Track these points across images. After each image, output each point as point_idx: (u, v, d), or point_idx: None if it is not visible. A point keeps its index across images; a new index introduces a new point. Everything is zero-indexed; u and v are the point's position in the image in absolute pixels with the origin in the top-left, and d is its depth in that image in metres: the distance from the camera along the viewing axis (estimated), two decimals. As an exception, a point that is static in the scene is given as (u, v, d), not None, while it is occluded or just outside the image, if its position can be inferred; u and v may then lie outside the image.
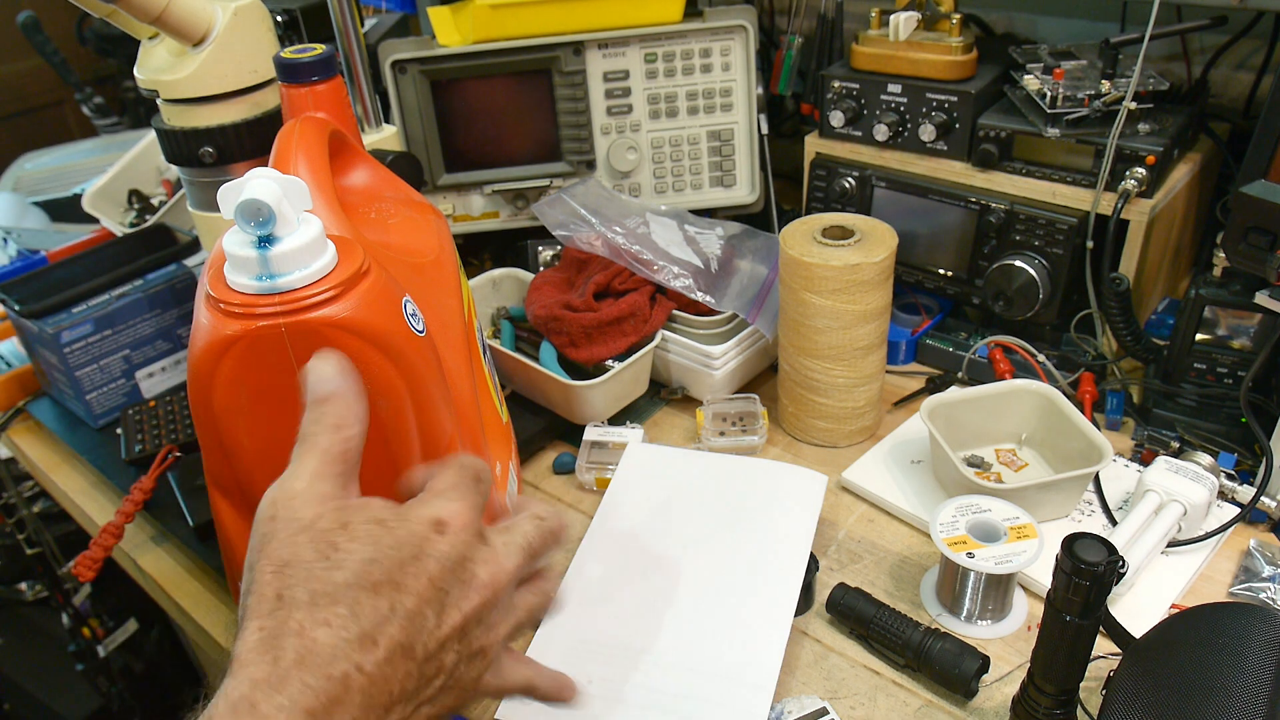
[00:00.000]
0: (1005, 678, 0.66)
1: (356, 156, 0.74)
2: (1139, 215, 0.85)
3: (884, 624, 0.67)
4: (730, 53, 1.06)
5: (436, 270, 0.69)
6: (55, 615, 1.39)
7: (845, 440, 0.89)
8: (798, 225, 0.86)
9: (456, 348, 0.66)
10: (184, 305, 1.04)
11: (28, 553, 1.33)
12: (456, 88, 1.06)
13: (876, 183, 0.98)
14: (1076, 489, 0.77)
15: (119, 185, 1.31)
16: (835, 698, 0.65)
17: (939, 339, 0.98)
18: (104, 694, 1.41)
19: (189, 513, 0.84)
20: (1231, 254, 0.74)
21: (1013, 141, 0.90)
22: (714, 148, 1.10)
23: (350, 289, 0.53)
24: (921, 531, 0.79)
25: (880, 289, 0.82)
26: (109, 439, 1.00)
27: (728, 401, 0.91)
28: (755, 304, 0.92)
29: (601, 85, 1.07)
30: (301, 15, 1.17)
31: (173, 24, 0.73)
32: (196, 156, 0.78)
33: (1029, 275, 0.90)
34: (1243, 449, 0.80)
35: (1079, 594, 0.53)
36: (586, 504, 0.85)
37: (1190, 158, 0.92)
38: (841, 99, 0.99)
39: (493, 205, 1.13)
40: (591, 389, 0.87)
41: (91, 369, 0.99)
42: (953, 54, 0.92)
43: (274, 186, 0.51)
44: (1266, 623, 0.56)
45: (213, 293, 0.52)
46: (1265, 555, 0.73)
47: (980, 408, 0.84)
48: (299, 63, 0.70)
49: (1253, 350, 0.81)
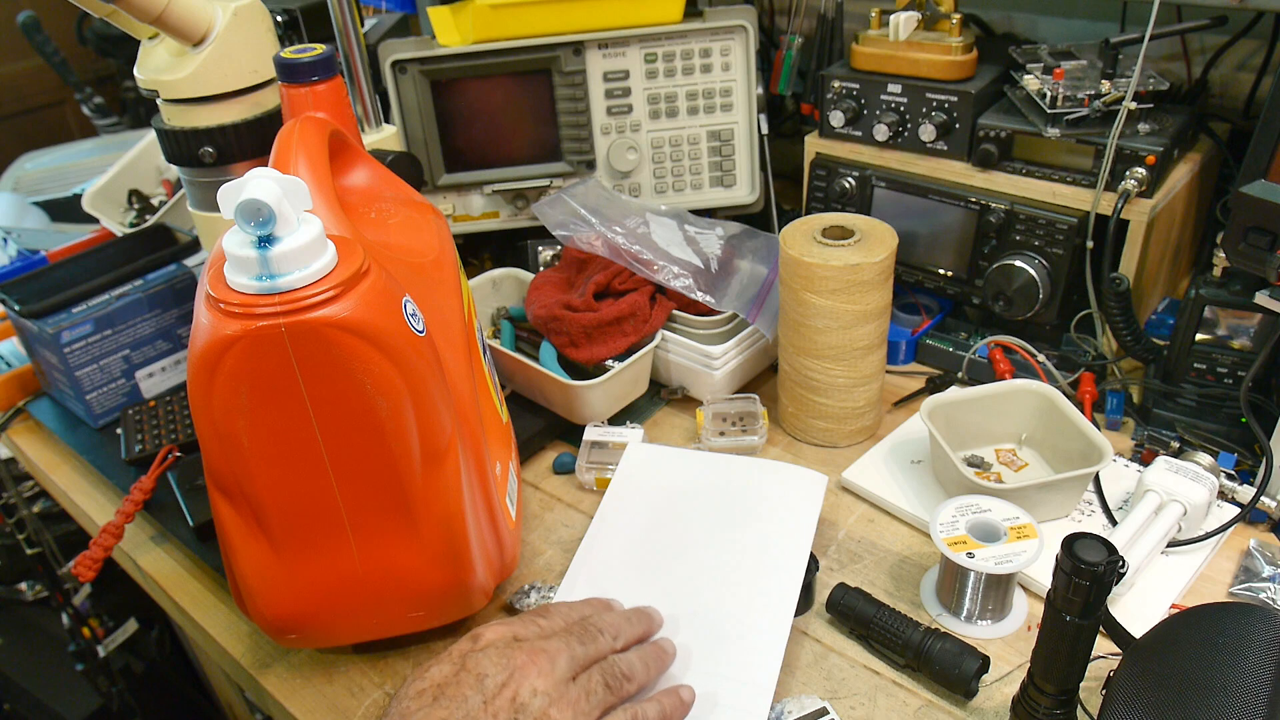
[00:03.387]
0: (1005, 678, 0.66)
1: (356, 156, 0.74)
2: (1139, 215, 0.85)
3: (884, 624, 0.67)
4: (730, 53, 1.06)
5: (436, 270, 0.69)
6: (55, 615, 1.39)
7: (845, 440, 0.89)
8: (798, 225, 0.86)
9: (456, 348, 0.66)
10: (184, 305, 1.04)
11: (28, 553, 1.33)
12: (456, 88, 1.06)
13: (876, 183, 0.98)
14: (1076, 489, 0.77)
15: (119, 185, 1.31)
16: (835, 698, 0.65)
17: (939, 339, 0.98)
18: (104, 694, 1.40)
19: (189, 513, 0.84)
20: (1231, 254, 0.74)
21: (1013, 141, 0.90)
22: (714, 148, 1.10)
23: (350, 289, 0.53)
24: (921, 531, 0.79)
25: (880, 289, 0.82)
26: (109, 439, 1.00)
27: (728, 401, 0.91)
28: (755, 304, 0.92)
29: (601, 85, 1.07)
30: (301, 15, 1.17)
31: (173, 24, 0.73)
32: (196, 156, 0.79)
33: (1029, 275, 0.90)
34: (1243, 449, 0.80)
35: (1079, 594, 0.53)
36: (586, 504, 0.85)
37: (1190, 158, 0.92)
38: (841, 99, 0.99)
39: (493, 205, 1.13)
40: (591, 389, 0.87)
41: (91, 369, 0.99)
42: (953, 54, 0.92)
43: (274, 186, 0.51)
44: (1266, 623, 0.56)
45: (213, 293, 0.52)
46: (1265, 555, 0.73)
47: (980, 408, 0.84)
48: (299, 63, 0.71)
49: (1253, 350, 0.81)
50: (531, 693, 0.53)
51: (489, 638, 0.57)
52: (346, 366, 0.53)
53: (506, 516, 0.70)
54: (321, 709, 0.69)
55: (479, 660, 0.55)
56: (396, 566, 0.62)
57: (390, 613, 0.66)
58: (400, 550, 0.61)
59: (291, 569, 0.61)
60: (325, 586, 0.62)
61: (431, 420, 0.58)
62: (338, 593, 0.62)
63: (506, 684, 0.53)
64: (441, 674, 0.54)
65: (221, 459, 0.57)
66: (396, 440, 0.57)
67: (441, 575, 0.63)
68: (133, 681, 1.45)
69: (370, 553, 0.61)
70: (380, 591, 0.63)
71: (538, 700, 0.53)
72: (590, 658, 0.58)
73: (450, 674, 0.54)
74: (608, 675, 0.57)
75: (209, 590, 0.81)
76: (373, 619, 0.66)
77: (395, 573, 0.62)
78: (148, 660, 1.48)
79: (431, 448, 0.59)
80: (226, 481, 0.58)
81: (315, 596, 0.62)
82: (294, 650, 0.73)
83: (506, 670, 0.54)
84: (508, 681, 0.53)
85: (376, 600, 0.64)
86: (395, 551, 0.61)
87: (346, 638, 0.70)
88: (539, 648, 0.56)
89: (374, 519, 0.60)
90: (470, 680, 0.53)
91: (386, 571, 0.62)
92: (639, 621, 0.64)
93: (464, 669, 0.54)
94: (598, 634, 0.59)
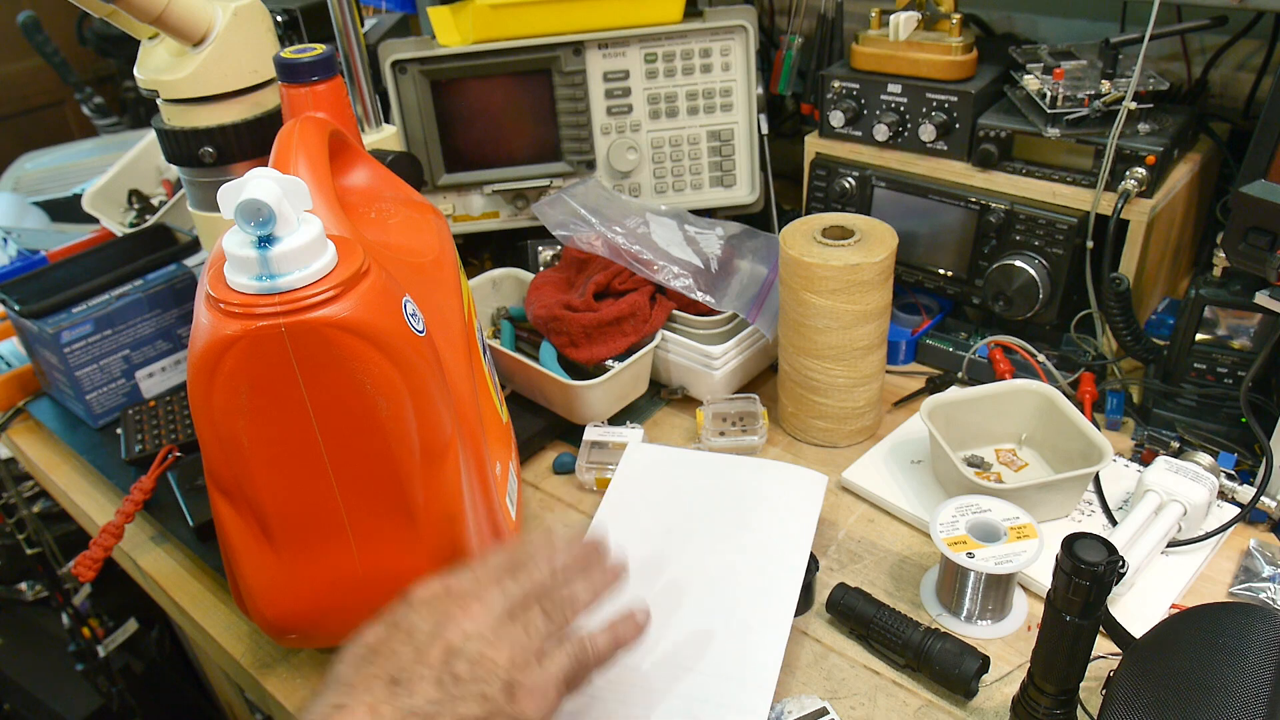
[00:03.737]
0: (1005, 678, 0.66)
1: (356, 156, 0.74)
2: (1139, 215, 0.85)
3: (884, 624, 0.67)
4: (730, 53, 1.06)
5: (436, 270, 0.69)
6: (55, 615, 1.39)
7: (845, 440, 0.89)
8: (798, 225, 0.86)
9: (456, 348, 0.66)
10: (184, 305, 1.04)
11: (28, 553, 1.33)
12: (456, 88, 1.06)
13: (876, 183, 0.98)
14: (1076, 489, 0.77)
15: (119, 185, 1.31)
16: (835, 698, 0.65)
17: (939, 339, 0.98)
18: (104, 694, 1.40)
19: (189, 513, 0.84)
20: (1231, 254, 0.74)
21: (1013, 141, 0.90)
22: (714, 148, 1.10)
23: (350, 289, 0.53)
24: (921, 531, 0.79)
25: (880, 289, 0.82)
26: (109, 439, 1.00)
27: (728, 401, 0.91)
28: (755, 304, 0.92)
29: (601, 85, 1.07)
30: (301, 15, 1.17)
31: (173, 24, 0.73)
32: (196, 156, 0.79)
33: (1029, 275, 0.90)
34: (1243, 449, 0.80)
35: (1079, 594, 0.53)
36: (586, 504, 0.85)
37: (1190, 158, 0.92)
38: (841, 99, 0.99)
39: (493, 205, 1.13)
40: (591, 389, 0.87)
41: (91, 369, 0.99)
42: (953, 54, 0.92)
43: (274, 186, 0.51)
44: (1266, 623, 0.56)
45: (213, 293, 0.52)
46: (1265, 555, 0.73)
47: (980, 408, 0.84)
48: (299, 63, 0.70)
49: (1253, 350, 0.81)
50: (464, 637, 0.51)
51: (419, 594, 0.55)
52: (346, 366, 0.53)
53: (506, 516, 0.70)
54: (321, 709, 0.69)
55: (408, 615, 0.53)
56: (396, 566, 0.62)
57: (390, 613, 0.66)
58: (400, 550, 0.61)
59: (291, 569, 0.61)
60: (325, 587, 0.62)
61: (431, 420, 0.58)
62: (338, 593, 0.62)
63: (438, 633, 0.52)
64: (375, 635, 0.53)
65: (221, 459, 0.57)
66: (396, 440, 0.57)
67: (441, 575, 0.63)
68: (133, 681, 1.45)
69: (370, 553, 0.61)
70: (380, 591, 0.63)
71: (471, 644, 0.51)
72: (526, 592, 0.55)
73: (383, 634, 0.53)
74: (546, 606, 0.55)
75: (209, 590, 0.81)
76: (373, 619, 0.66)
77: (395, 573, 0.62)
78: (148, 660, 1.48)
79: (431, 448, 0.59)
80: (226, 482, 0.58)
81: (315, 597, 0.62)
82: (294, 650, 0.73)
83: (436, 620, 0.52)
84: (438, 630, 0.52)
85: (376, 600, 0.64)
86: (395, 551, 0.61)
87: (347, 638, 0.69)
88: (470, 593, 0.54)
89: (374, 519, 0.60)
90: (401, 636, 0.52)
91: (386, 571, 0.62)
92: (579, 547, 0.60)
93: (395, 626, 0.53)
94: (530, 567, 0.56)
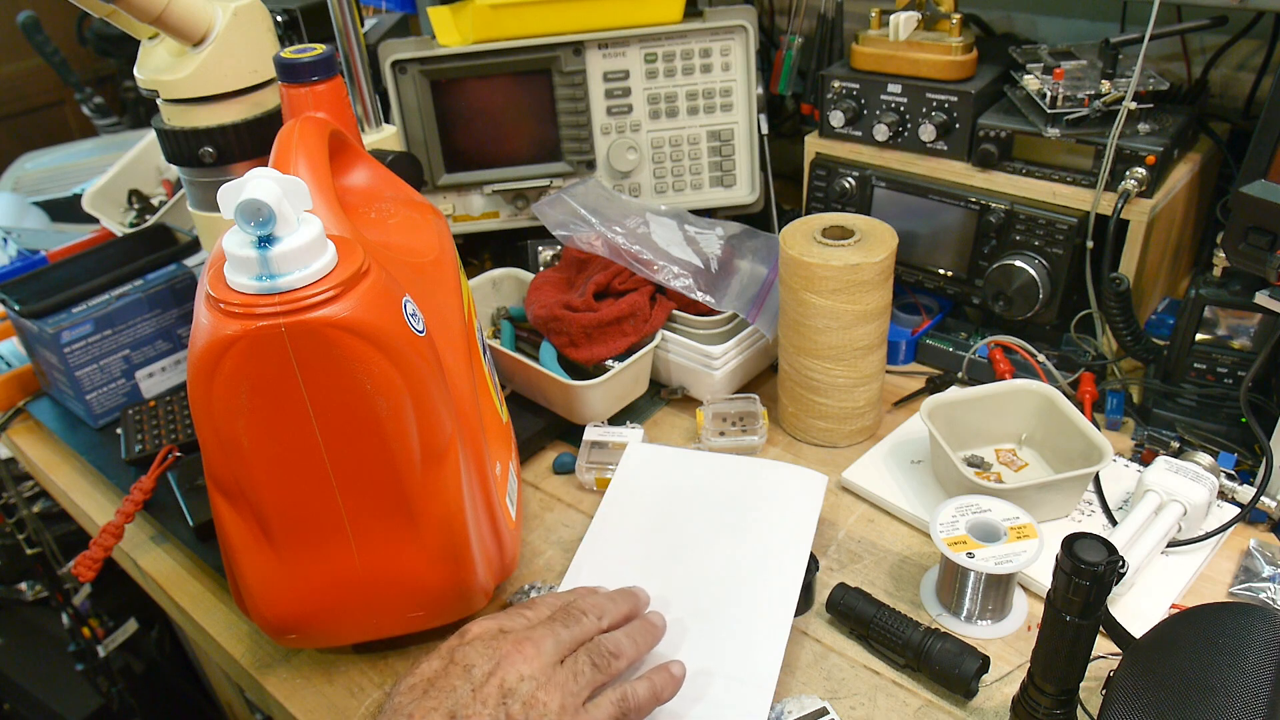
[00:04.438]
0: (1005, 678, 0.66)
1: (356, 156, 0.74)
2: (1139, 215, 0.85)
3: (884, 624, 0.67)
4: (730, 53, 1.06)
5: (436, 270, 0.69)
6: (55, 615, 1.39)
7: (845, 440, 0.89)
8: (798, 225, 0.86)
9: (456, 348, 0.66)
10: (184, 305, 1.04)
11: (28, 553, 1.33)
12: (456, 88, 1.06)
13: (876, 183, 0.98)
14: (1076, 489, 0.77)
15: (119, 185, 1.31)
16: (835, 698, 0.65)
17: (939, 339, 0.98)
18: (104, 694, 1.40)
19: (189, 513, 0.84)
20: (1231, 254, 0.74)
21: (1013, 141, 0.90)
22: (714, 148, 1.10)
23: (350, 289, 0.53)
24: (921, 531, 0.79)
25: (880, 289, 0.82)
26: (109, 439, 1.00)
27: (728, 401, 0.91)
28: (755, 304, 0.92)
29: (601, 85, 1.07)
30: (301, 15, 1.17)
31: (173, 24, 0.73)
32: (196, 156, 0.79)
33: (1029, 275, 0.90)
34: (1243, 449, 0.80)
35: (1079, 594, 0.53)
36: (586, 504, 0.85)
37: (1190, 158, 0.92)
38: (841, 99, 0.99)
39: (493, 205, 1.13)
40: (591, 389, 0.87)
41: (91, 369, 0.99)
42: (953, 54, 0.92)
43: (274, 186, 0.51)
44: (1266, 623, 0.56)
45: (213, 293, 0.52)
46: (1265, 555, 0.73)
47: (980, 408, 0.84)
48: (299, 63, 0.70)
49: (1253, 350, 0.81)
50: (519, 678, 0.54)
51: (475, 631, 0.58)
52: (346, 366, 0.53)
53: (506, 516, 0.70)
54: (321, 709, 0.69)
55: (466, 652, 0.56)
56: (396, 567, 0.62)
57: (390, 613, 0.66)
58: (400, 550, 0.61)
59: (291, 569, 0.61)
60: (325, 587, 0.62)
61: (431, 420, 0.58)
62: (338, 593, 0.62)
63: (494, 672, 0.55)
64: (431, 668, 0.56)
65: (221, 459, 0.57)
66: (396, 440, 0.57)
67: (441, 575, 0.63)
68: (133, 681, 1.45)
69: (370, 553, 0.61)
70: (380, 592, 0.63)
71: (525, 685, 0.54)
72: (576, 640, 0.59)
73: (439, 668, 0.56)
74: (594, 655, 0.58)
75: (209, 590, 0.81)
76: (373, 619, 0.66)
77: (395, 573, 0.62)
78: (148, 660, 1.48)
79: (431, 448, 0.59)
80: (227, 482, 0.58)
81: (315, 597, 0.62)
82: (294, 650, 0.73)
83: (493, 659, 0.55)
84: (494, 670, 0.55)
85: (376, 600, 0.64)
86: (395, 552, 0.61)
87: (346, 638, 0.70)
88: (524, 636, 0.57)
89: (374, 519, 0.60)
90: (458, 671, 0.55)
91: (386, 571, 0.62)
92: (623, 600, 0.65)
93: (452, 662, 0.56)
94: (581, 616, 0.61)
